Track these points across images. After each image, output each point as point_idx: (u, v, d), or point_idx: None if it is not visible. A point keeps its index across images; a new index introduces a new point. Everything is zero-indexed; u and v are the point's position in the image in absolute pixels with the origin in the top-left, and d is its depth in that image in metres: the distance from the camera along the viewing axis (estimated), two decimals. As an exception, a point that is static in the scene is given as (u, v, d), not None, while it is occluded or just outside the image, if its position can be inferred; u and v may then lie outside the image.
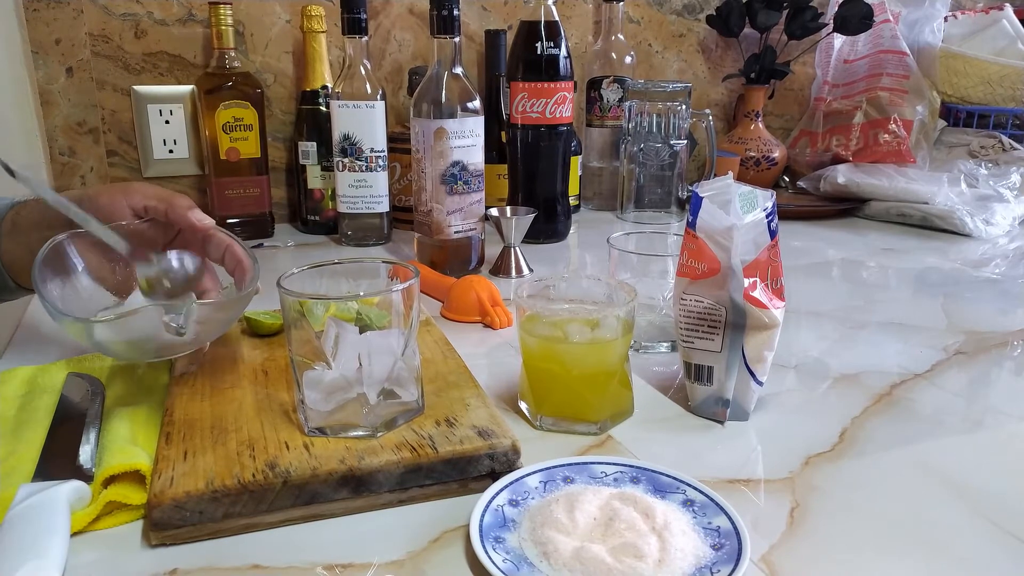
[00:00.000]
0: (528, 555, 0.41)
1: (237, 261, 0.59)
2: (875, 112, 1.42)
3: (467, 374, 0.58)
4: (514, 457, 0.48)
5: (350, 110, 1.02)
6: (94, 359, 0.64)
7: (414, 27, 1.22)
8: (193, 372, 0.58)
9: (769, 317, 0.54)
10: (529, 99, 1.04)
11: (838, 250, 1.09)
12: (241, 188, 1.08)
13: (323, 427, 0.49)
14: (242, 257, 0.59)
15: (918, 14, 1.46)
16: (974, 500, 0.47)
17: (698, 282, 0.56)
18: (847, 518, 0.46)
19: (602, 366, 0.55)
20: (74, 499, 0.43)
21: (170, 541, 0.43)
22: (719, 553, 0.40)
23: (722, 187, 0.57)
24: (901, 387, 0.64)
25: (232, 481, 0.43)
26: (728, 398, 0.57)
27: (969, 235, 1.15)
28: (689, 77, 1.46)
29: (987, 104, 1.42)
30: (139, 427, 0.51)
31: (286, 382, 0.56)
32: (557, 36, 1.02)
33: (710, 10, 1.42)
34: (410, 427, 0.50)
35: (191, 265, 0.59)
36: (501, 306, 0.78)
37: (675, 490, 0.46)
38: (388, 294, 0.49)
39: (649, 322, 0.71)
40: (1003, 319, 0.81)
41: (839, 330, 0.77)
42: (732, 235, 0.53)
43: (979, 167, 1.28)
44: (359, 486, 0.46)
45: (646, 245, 0.72)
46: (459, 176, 0.90)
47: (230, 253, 0.60)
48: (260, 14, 1.13)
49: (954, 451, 0.54)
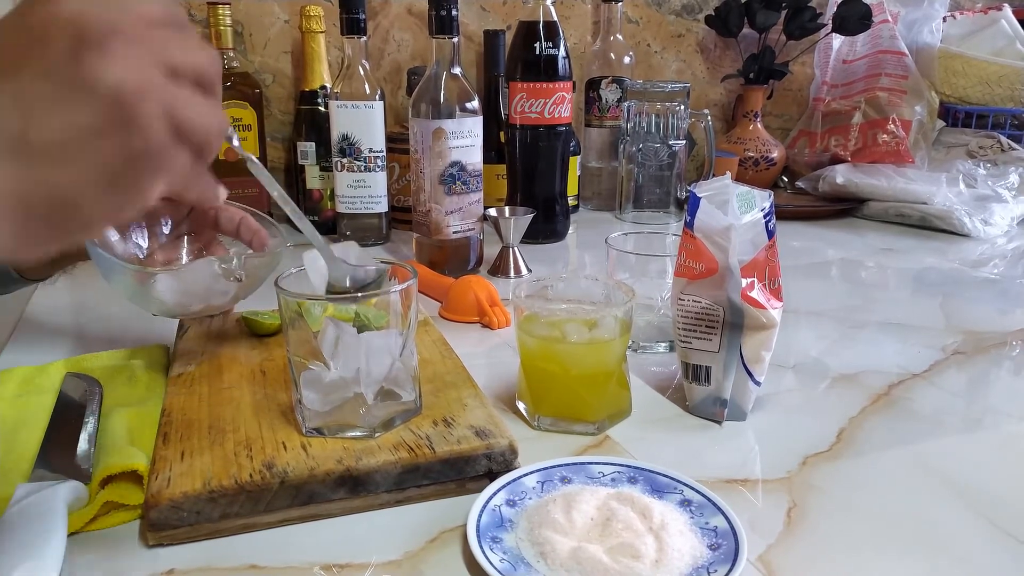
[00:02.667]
0: (525, 555, 0.41)
1: (254, 232, 0.61)
2: (874, 112, 1.42)
3: (465, 374, 0.58)
4: (512, 457, 0.48)
5: (349, 110, 1.02)
6: (92, 359, 0.64)
7: (413, 27, 1.22)
8: (191, 372, 0.58)
9: (767, 317, 0.54)
10: (528, 99, 1.04)
11: (837, 250, 1.09)
12: (240, 188, 1.08)
13: (321, 427, 0.49)
14: (257, 228, 0.61)
15: (917, 14, 1.47)
16: (972, 500, 0.47)
17: (696, 282, 0.56)
18: (845, 518, 0.46)
19: (600, 366, 0.55)
20: (71, 499, 0.43)
21: (167, 541, 0.43)
22: (716, 553, 0.40)
23: (720, 187, 0.56)
24: (899, 387, 0.64)
25: (229, 481, 0.43)
26: (726, 398, 0.57)
27: (968, 235, 1.15)
28: (688, 77, 1.46)
29: (986, 104, 1.42)
30: (137, 427, 0.51)
31: (284, 382, 0.56)
32: (556, 36, 1.02)
33: (709, 10, 1.42)
34: (408, 427, 0.50)
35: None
36: (499, 306, 0.78)
37: (672, 490, 0.46)
38: (386, 294, 0.49)
39: (647, 322, 0.71)
40: (1002, 319, 0.81)
41: (837, 330, 0.77)
42: (730, 235, 0.53)
43: (978, 167, 1.28)
44: (356, 486, 0.46)
45: (644, 245, 0.72)
46: (458, 176, 0.90)
47: (245, 224, 0.61)
48: (259, 14, 1.13)
49: (952, 451, 0.54)
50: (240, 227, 0.61)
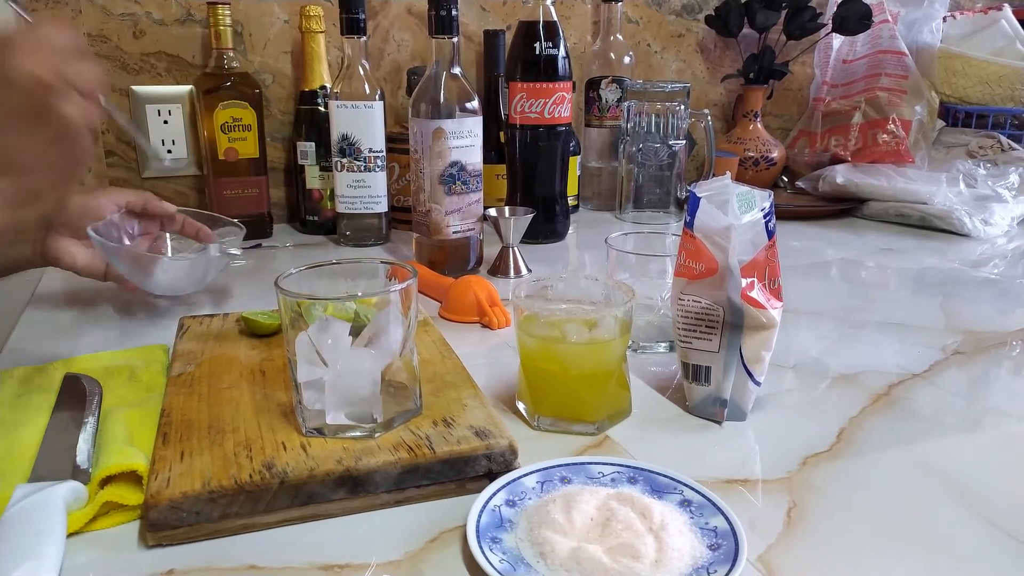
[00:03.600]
0: (525, 555, 0.40)
1: (197, 229, 0.82)
2: (874, 112, 1.42)
3: (465, 374, 0.58)
4: (511, 457, 0.48)
5: (349, 110, 1.02)
6: (91, 359, 0.64)
7: (413, 27, 1.22)
8: (191, 372, 0.58)
9: (767, 317, 0.54)
10: (528, 99, 1.04)
11: (837, 250, 1.09)
12: (240, 188, 1.08)
13: (320, 427, 0.49)
14: (200, 226, 0.82)
15: (917, 14, 1.47)
16: (972, 500, 0.47)
17: (696, 282, 0.56)
18: (845, 518, 0.46)
19: (600, 366, 0.55)
20: (71, 499, 0.43)
21: (167, 542, 0.43)
22: (716, 553, 0.40)
23: (720, 187, 0.56)
24: (899, 387, 0.64)
25: (229, 481, 0.43)
26: (726, 398, 0.57)
27: (968, 235, 1.15)
28: (688, 77, 1.46)
29: (986, 104, 1.42)
30: (136, 427, 0.51)
31: (283, 382, 0.56)
32: (556, 36, 1.02)
33: (709, 10, 1.42)
34: (407, 427, 0.50)
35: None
36: (499, 306, 0.78)
37: (672, 490, 0.46)
38: (386, 294, 0.49)
39: (647, 322, 0.71)
40: (1001, 319, 0.81)
41: (837, 330, 0.77)
42: (730, 235, 0.53)
43: (978, 167, 1.28)
44: (356, 486, 0.46)
45: (644, 245, 0.72)
46: (457, 176, 0.90)
47: (188, 225, 0.82)
48: (259, 14, 1.13)
49: (952, 451, 0.54)
50: (184, 228, 0.82)
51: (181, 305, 0.81)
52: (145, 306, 0.81)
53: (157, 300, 0.82)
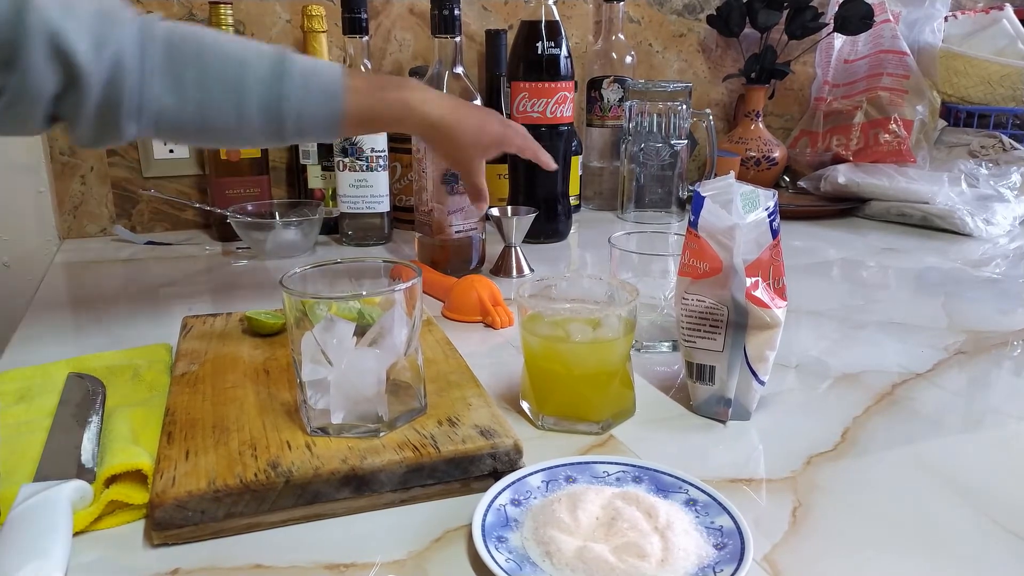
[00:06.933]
0: (531, 554, 0.40)
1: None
2: (875, 112, 1.42)
3: (469, 374, 0.58)
4: (516, 457, 0.48)
5: (351, 110, 1.02)
6: (95, 359, 0.64)
7: (414, 27, 1.22)
8: (195, 372, 0.58)
9: (771, 316, 0.54)
10: (530, 99, 1.04)
11: (838, 250, 1.09)
12: (241, 188, 1.08)
13: (325, 427, 0.49)
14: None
15: (918, 14, 1.47)
16: (976, 499, 0.47)
17: (700, 281, 0.56)
18: (849, 517, 0.46)
19: (604, 366, 0.55)
20: (76, 499, 0.43)
21: (172, 541, 0.43)
22: (722, 553, 0.40)
23: (724, 186, 0.56)
24: (902, 387, 0.64)
25: (234, 481, 0.43)
26: (730, 397, 0.57)
27: (969, 235, 1.15)
28: (689, 77, 1.46)
29: (987, 104, 1.42)
30: (140, 426, 0.51)
31: (288, 382, 0.56)
32: (557, 36, 1.02)
33: (710, 10, 1.42)
34: (412, 427, 0.50)
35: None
36: (502, 306, 0.78)
37: (677, 490, 0.46)
38: (390, 293, 0.49)
39: (651, 322, 0.71)
40: (1004, 319, 0.81)
41: (840, 330, 0.77)
42: (734, 234, 0.53)
43: (979, 167, 1.28)
44: (361, 486, 0.46)
45: (647, 245, 0.72)
46: (459, 176, 0.90)
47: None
48: (260, 14, 1.13)
49: (955, 450, 0.54)
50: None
51: (182, 304, 0.81)
52: (146, 306, 0.81)
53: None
